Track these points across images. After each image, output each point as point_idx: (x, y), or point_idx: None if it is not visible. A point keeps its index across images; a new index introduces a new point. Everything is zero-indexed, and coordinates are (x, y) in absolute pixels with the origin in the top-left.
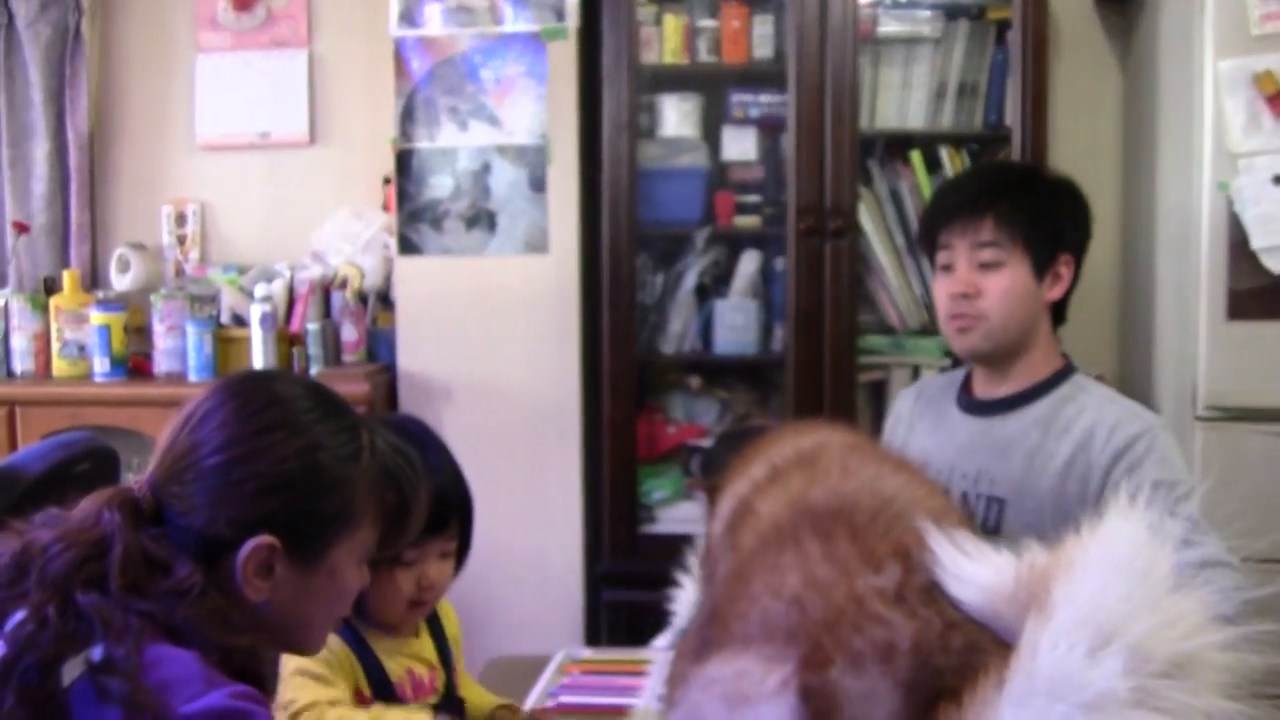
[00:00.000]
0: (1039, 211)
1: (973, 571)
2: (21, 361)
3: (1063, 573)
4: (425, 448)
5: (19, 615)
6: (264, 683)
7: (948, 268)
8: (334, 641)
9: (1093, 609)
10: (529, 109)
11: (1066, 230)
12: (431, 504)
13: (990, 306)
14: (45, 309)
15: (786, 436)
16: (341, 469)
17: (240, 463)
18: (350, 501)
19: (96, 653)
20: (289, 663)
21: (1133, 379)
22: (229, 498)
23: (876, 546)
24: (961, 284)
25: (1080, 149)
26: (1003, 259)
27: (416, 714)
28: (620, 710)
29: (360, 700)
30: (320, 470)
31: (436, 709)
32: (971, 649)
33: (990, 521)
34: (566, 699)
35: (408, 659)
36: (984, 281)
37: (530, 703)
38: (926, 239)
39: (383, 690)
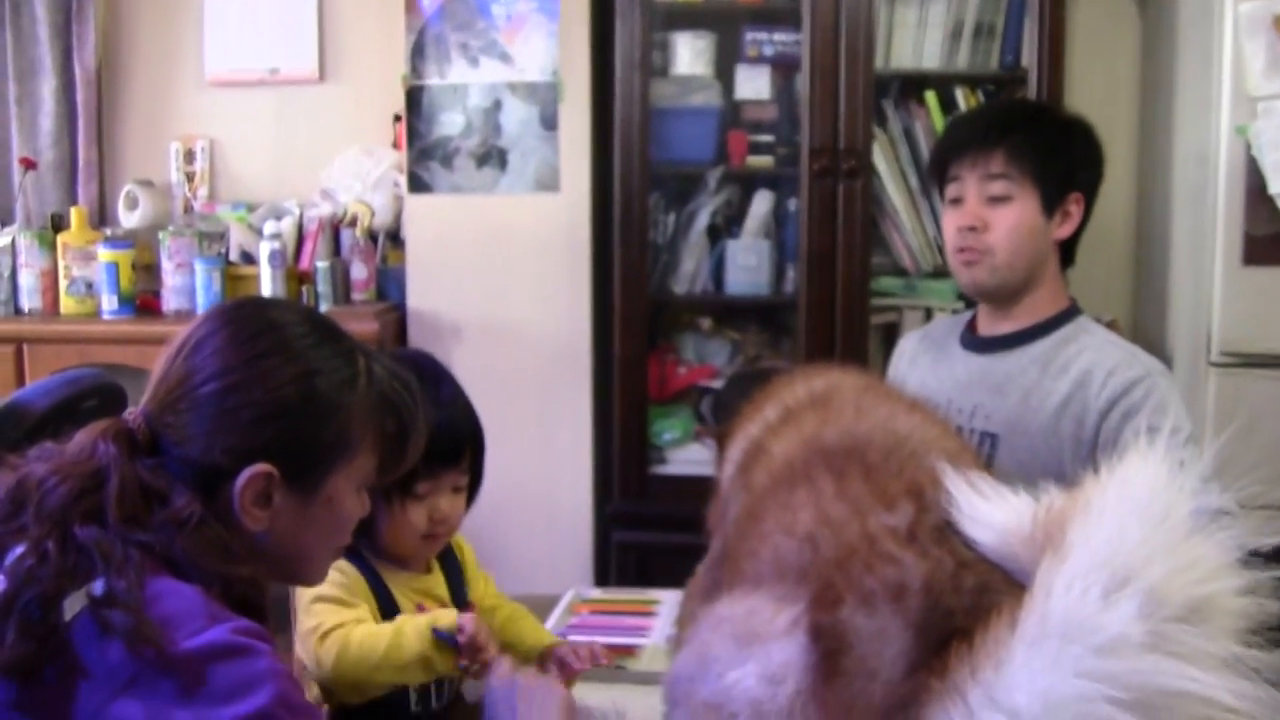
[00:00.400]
0: (1050, 147)
1: (989, 513)
2: (29, 299)
3: (1079, 514)
4: (437, 381)
5: (18, 550)
6: (264, 614)
7: (957, 201)
8: (349, 570)
9: (1109, 552)
10: (541, 46)
11: (1078, 169)
12: (444, 437)
13: (997, 241)
14: (53, 246)
15: (798, 379)
16: (339, 395)
17: (236, 390)
18: (348, 428)
19: (97, 587)
20: (306, 592)
21: (1147, 324)
22: (225, 426)
23: (889, 485)
24: (969, 217)
25: (1097, 92)
26: (1012, 193)
27: (442, 614)
28: (629, 650)
29: None
30: (317, 396)
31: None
32: (984, 589)
33: (983, 456)
34: (575, 639)
35: (419, 594)
36: (992, 215)
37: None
38: (937, 171)
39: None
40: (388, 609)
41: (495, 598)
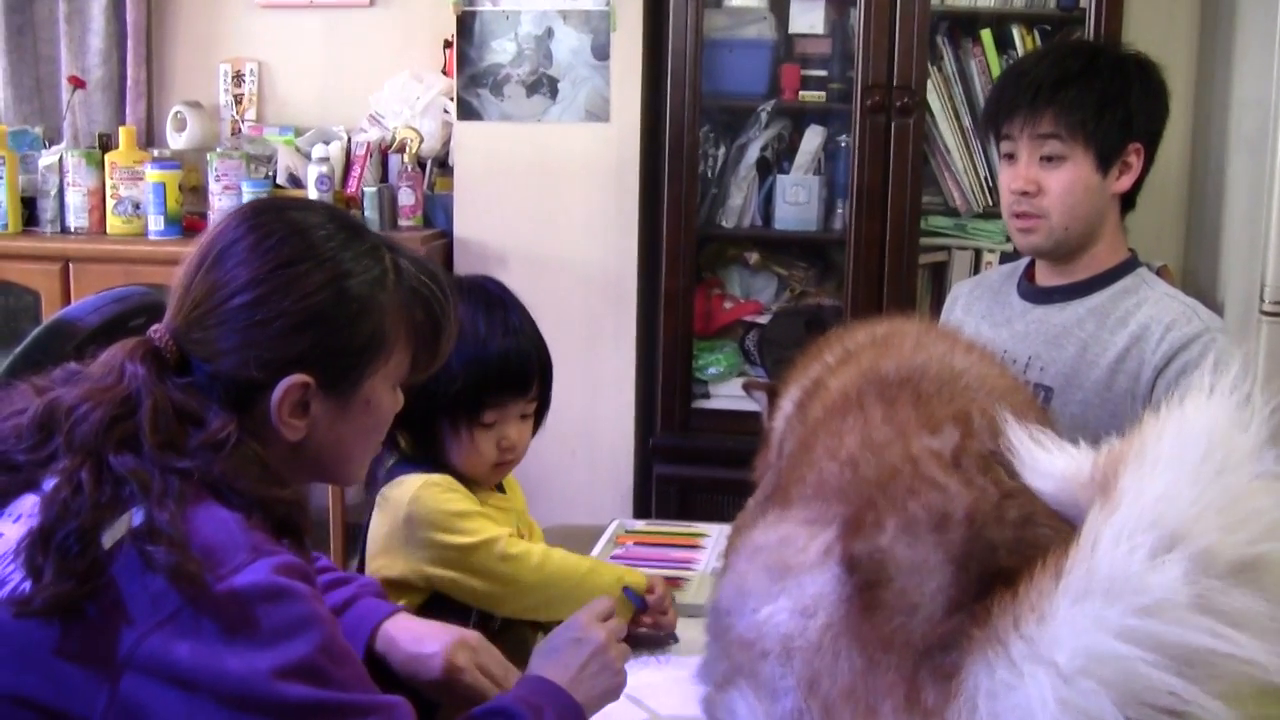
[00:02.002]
0: (1104, 100)
1: (1049, 461)
2: (76, 218)
3: (1133, 460)
4: (505, 308)
5: (51, 482)
6: (303, 537)
7: (1011, 156)
8: (458, 486)
9: (1159, 507)
10: None
11: (1136, 117)
12: (512, 365)
13: (1051, 204)
14: (100, 165)
15: (859, 327)
16: (370, 295)
17: (265, 301)
18: (381, 327)
19: (137, 517)
20: (445, 507)
21: (1198, 271)
22: (257, 339)
23: (937, 411)
24: (1022, 180)
25: (1155, 33)
26: (1065, 153)
27: (631, 572)
28: (675, 582)
29: None
30: (349, 299)
31: None
32: (1027, 521)
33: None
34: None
35: (501, 512)
36: (1046, 177)
37: None
38: (990, 125)
39: None
40: None
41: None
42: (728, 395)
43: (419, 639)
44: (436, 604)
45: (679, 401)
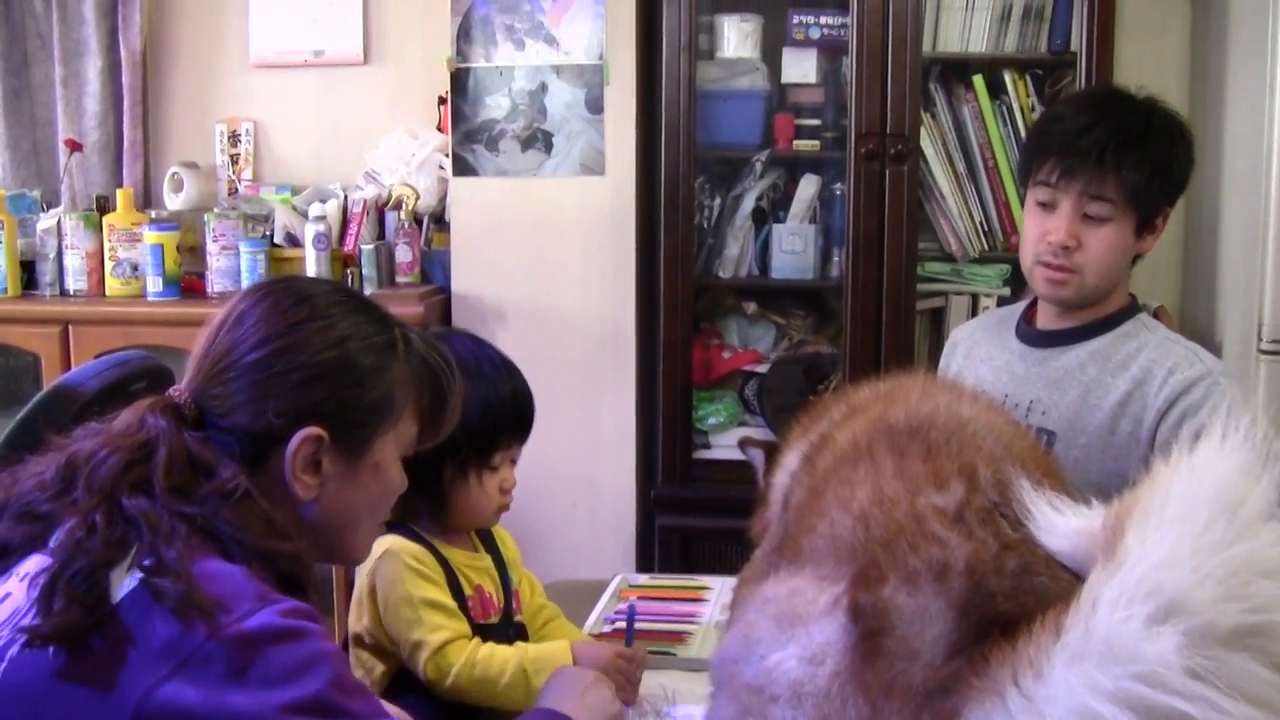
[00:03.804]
0: (1157, 168)
1: (1063, 522)
2: (75, 280)
3: (1138, 520)
4: (494, 354)
5: (68, 525)
6: (308, 591)
7: (1047, 205)
8: (425, 557)
9: (1159, 575)
10: (587, 28)
11: (1177, 184)
12: (522, 405)
13: (1088, 262)
14: (98, 228)
15: (861, 385)
16: (379, 357)
17: (281, 355)
18: (391, 390)
19: (145, 557)
20: (397, 588)
21: (1195, 311)
22: (273, 389)
23: (945, 465)
24: (1063, 234)
25: (1146, 76)
26: (1111, 215)
27: (557, 648)
28: (679, 636)
29: None
30: (358, 357)
31: (497, 630)
32: (1024, 571)
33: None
34: (624, 625)
35: (476, 572)
36: (1087, 234)
37: (587, 627)
38: (1027, 171)
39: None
40: (453, 588)
41: (541, 598)
42: (729, 445)
43: None
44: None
45: (680, 452)
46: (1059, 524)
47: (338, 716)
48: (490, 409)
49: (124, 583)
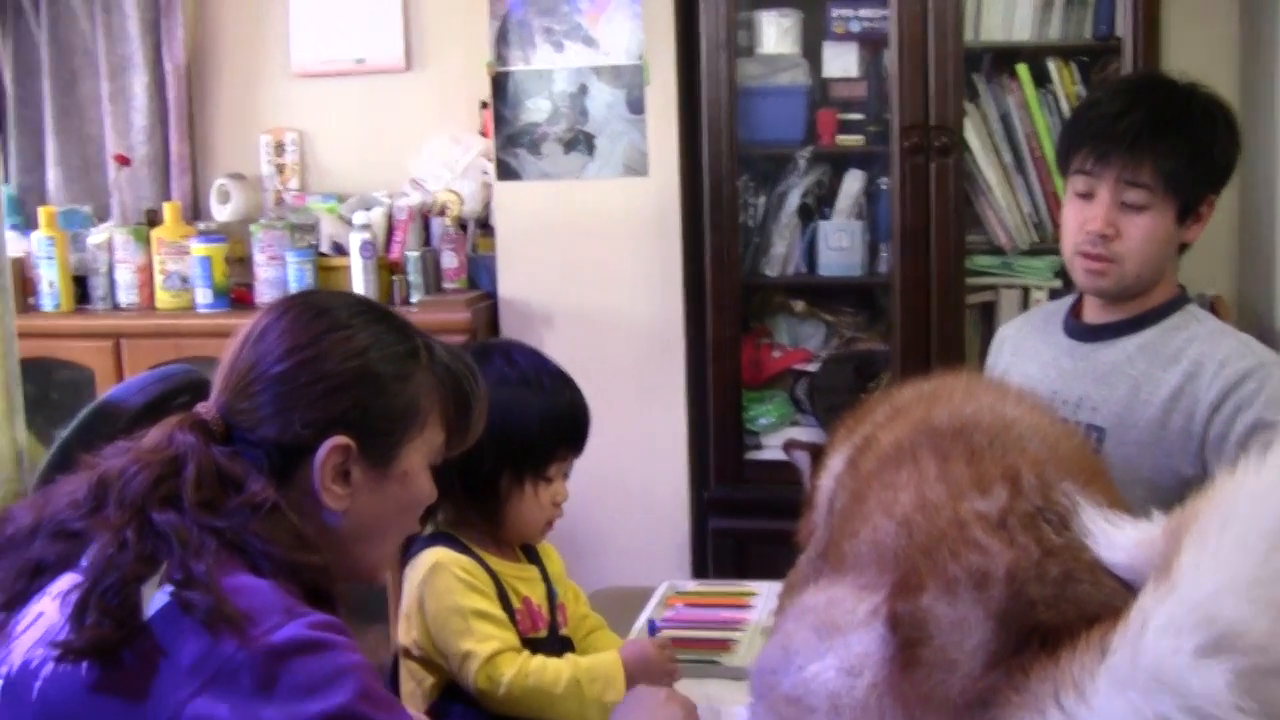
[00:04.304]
0: (1196, 154)
1: (1120, 535)
2: (126, 294)
3: (1196, 539)
4: (552, 366)
5: (100, 541)
6: (335, 604)
7: (1086, 194)
8: (475, 569)
9: (1214, 604)
10: (625, 28)
11: (1220, 170)
12: (580, 417)
13: (1127, 251)
14: (147, 241)
15: (905, 386)
16: (402, 366)
17: (306, 366)
18: (416, 399)
19: (175, 570)
20: (447, 599)
21: (1252, 301)
22: (299, 400)
23: (989, 469)
24: (1101, 222)
25: (1194, 62)
26: (1149, 202)
27: (607, 659)
28: (724, 644)
29: None
30: (381, 366)
31: (544, 644)
32: (1067, 578)
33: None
34: (668, 632)
35: (523, 584)
36: (1125, 222)
37: (632, 635)
38: (1066, 159)
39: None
40: (501, 600)
41: (585, 607)
42: (780, 445)
43: None
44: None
45: (731, 453)
46: (1118, 538)
47: None
48: (548, 420)
49: (155, 597)
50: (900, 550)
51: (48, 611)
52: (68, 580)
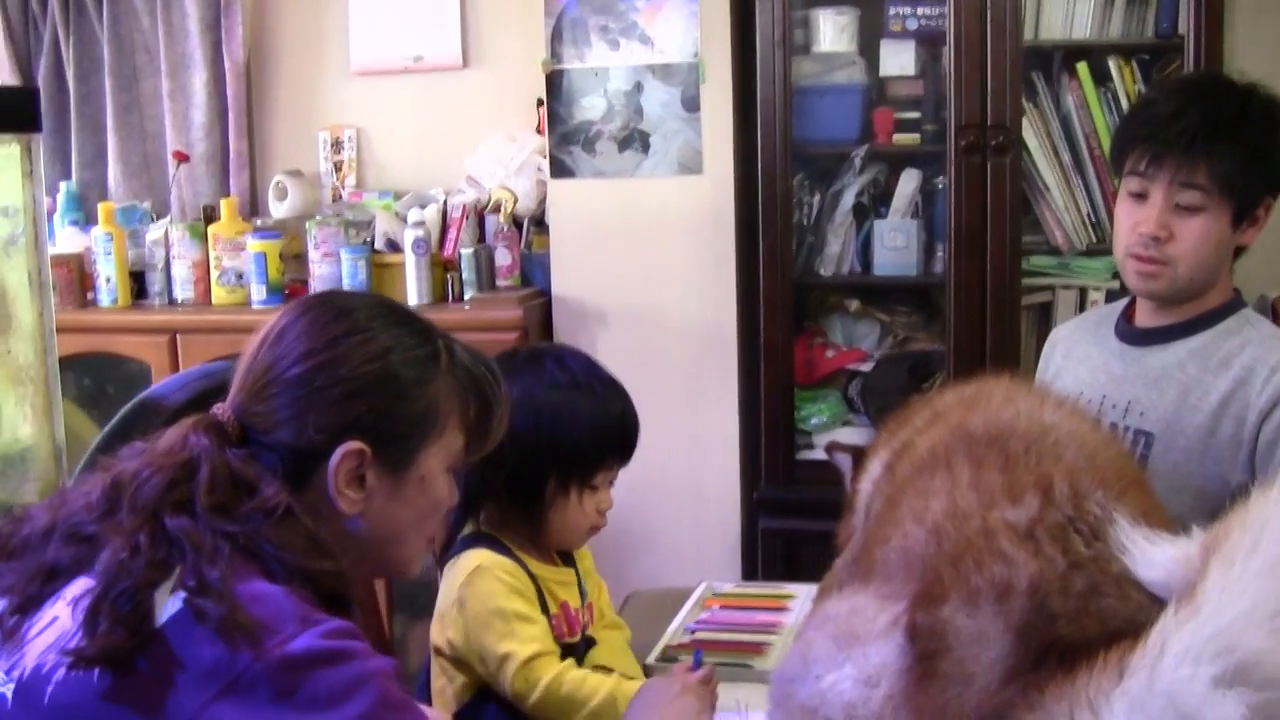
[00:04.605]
0: (1253, 155)
1: (1158, 554)
2: (182, 290)
3: (1222, 562)
4: (606, 374)
5: (113, 546)
6: (351, 609)
7: (1139, 195)
8: (517, 571)
9: (1234, 632)
10: (680, 26)
11: (1277, 173)
12: (630, 427)
13: (1180, 254)
14: (204, 237)
15: (948, 389)
16: (421, 370)
17: (321, 370)
18: (435, 403)
19: (189, 576)
20: (490, 601)
21: None
22: (314, 405)
23: (1022, 477)
24: (1154, 224)
25: (1259, 61)
26: (1203, 204)
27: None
28: (757, 648)
29: None
30: (400, 370)
31: (576, 648)
32: (1092, 592)
33: (1135, 457)
34: (703, 635)
35: (561, 587)
36: (1179, 225)
37: (668, 635)
38: (1119, 160)
39: None
40: (540, 605)
41: (607, 605)
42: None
43: None
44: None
45: (783, 454)
46: (1155, 555)
47: None
48: (598, 428)
49: (168, 604)
50: (928, 559)
51: (61, 616)
52: (81, 585)
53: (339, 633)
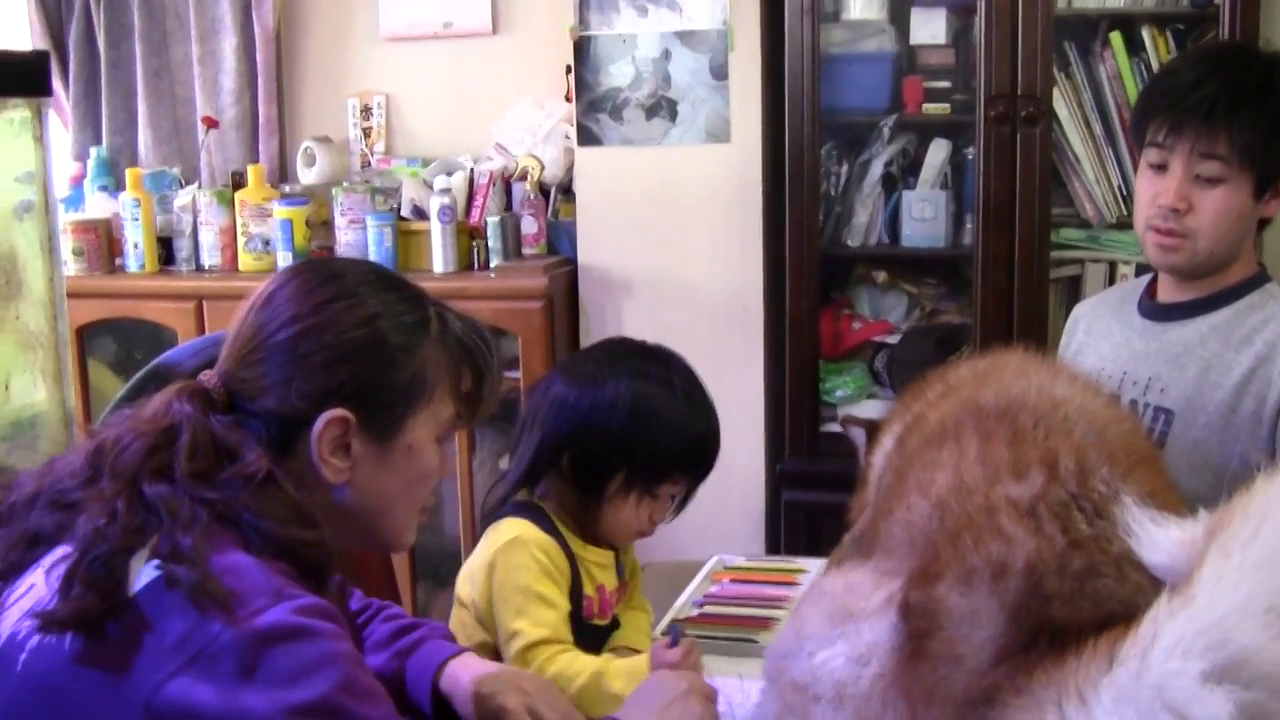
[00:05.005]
0: (1276, 127)
1: (1162, 535)
2: (210, 256)
3: (1219, 551)
4: (703, 391)
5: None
6: (327, 582)
7: (1159, 167)
8: (555, 552)
9: (1227, 626)
10: None
11: None
12: (711, 449)
13: (1200, 226)
14: (231, 204)
15: (963, 362)
16: (409, 337)
17: (307, 335)
18: (423, 370)
19: (163, 543)
20: (516, 575)
21: None
22: (298, 371)
23: (1029, 453)
24: (1174, 196)
25: None
26: (1224, 175)
27: (637, 661)
28: (763, 622)
29: None
30: (389, 337)
31: (606, 631)
32: (1089, 573)
33: (1155, 434)
34: (711, 609)
35: (599, 569)
36: (1199, 196)
37: (676, 608)
38: (1139, 130)
39: (573, 605)
40: (574, 585)
41: (638, 586)
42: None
43: (480, 680)
44: None
45: (807, 426)
46: (1160, 538)
47: None
48: (680, 439)
49: (143, 571)
50: (930, 534)
51: (38, 584)
52: (60, 552)
53: (311, 609)
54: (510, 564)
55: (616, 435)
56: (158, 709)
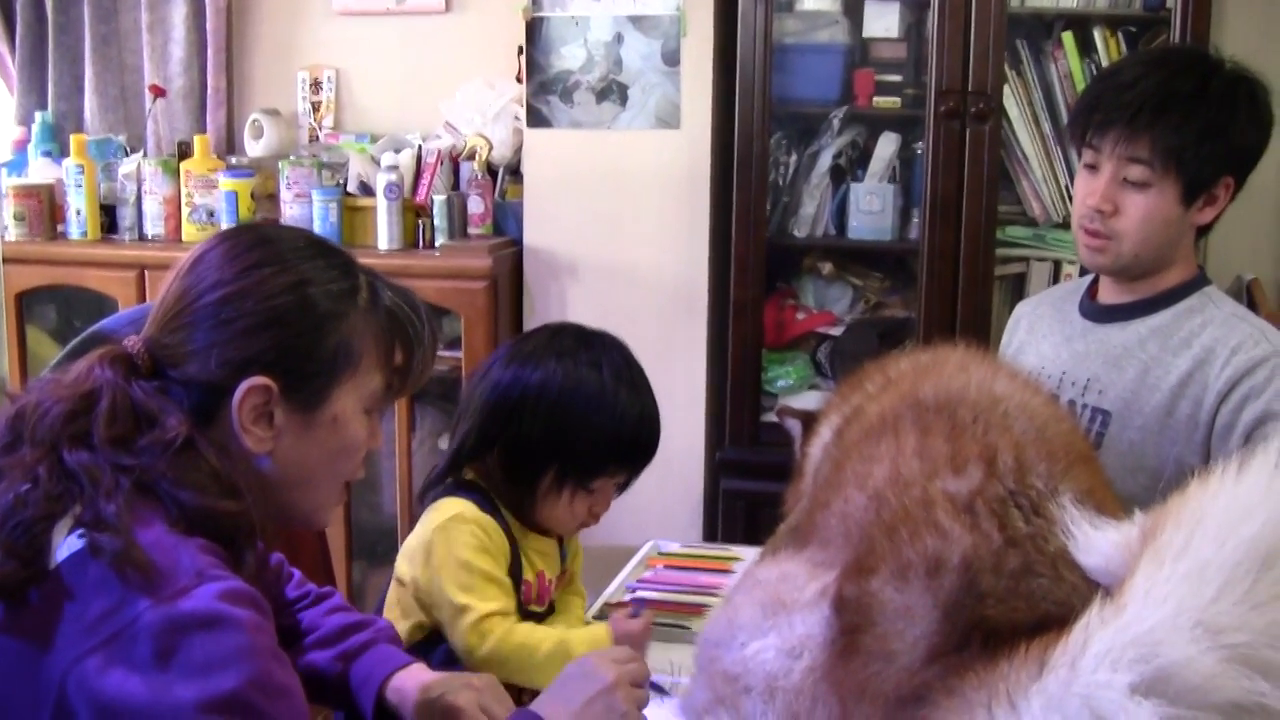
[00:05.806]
0: (1205, 132)
1: (1099, 538)
2: (153, 225)
3: (1152, 559)
4: (641, 379)
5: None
6: (245, 556)
7: (1092, 167)
8: (495, 532)
9: (1155, 639)
10: None
11: (1235, 151)
12: (644, 441)
13: (1125, 229)
14: (176, 174)
15: (903, 356)
16: (335, 305)
17: (230, 301)
18: (349, 340)
19: (86, 511)
20: (457, 551)
21: None
22: (221, 338)
23: (967, 448)
24: (1099, 197)
25: (1249, 36)
26: (1151, 180)
27: (597, 630)
28: (696, 609)
29: None
30: (312, 305)
31: (542, 617)
32: (1025, 571)
33: (1092, 435)
34: (644, 594)
35: (539, 555)
36: (1125, 199)
37: (608, 593)
38: (1075, 130)
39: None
40: (513, 569)
41: (579, 571)
42: (800, 408)
43: (426, 686)
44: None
45: (748, 415)
46: (1096, 540)
47: (253, 718)
48: (610, 432)
49: (67, 540)
50: (866, 526)
51: None
52: None
53: (233, 595)
54: (450, 540)
55: (544, 421)
56: (71, 686)
